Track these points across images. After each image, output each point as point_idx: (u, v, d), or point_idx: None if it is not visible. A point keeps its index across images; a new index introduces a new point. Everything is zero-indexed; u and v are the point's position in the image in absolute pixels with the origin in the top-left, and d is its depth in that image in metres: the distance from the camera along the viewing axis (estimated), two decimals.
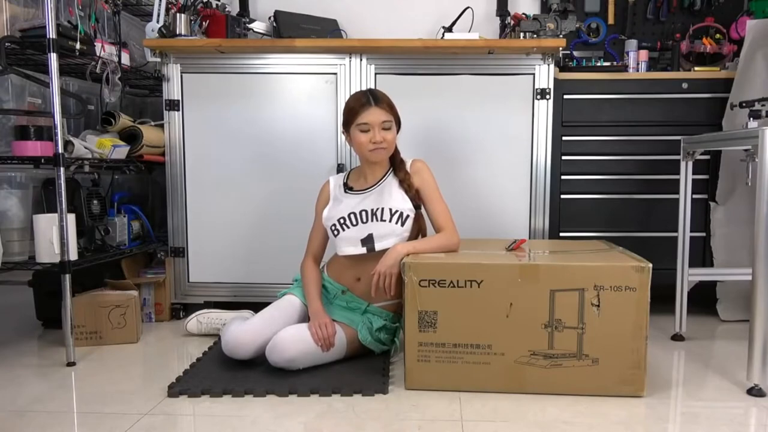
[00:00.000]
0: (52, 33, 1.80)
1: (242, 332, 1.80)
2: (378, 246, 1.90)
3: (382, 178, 1.97)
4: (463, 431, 1.42)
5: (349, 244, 1.93)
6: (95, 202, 2.25)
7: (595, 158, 2.46)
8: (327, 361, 1.82)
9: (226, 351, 1.81)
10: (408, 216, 1.91)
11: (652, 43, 2.82)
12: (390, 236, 1.90)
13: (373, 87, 2.27)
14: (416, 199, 1.94)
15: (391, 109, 1.91)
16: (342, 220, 1.94)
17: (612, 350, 1.60)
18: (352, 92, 2.00)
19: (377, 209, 1.92)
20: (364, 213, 1.93)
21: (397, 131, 1.94)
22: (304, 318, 1.92)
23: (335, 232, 1.95)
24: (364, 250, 1.91)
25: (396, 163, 1.98)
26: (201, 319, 2.20)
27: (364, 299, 1.93)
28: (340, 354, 1.84)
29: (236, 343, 1.79)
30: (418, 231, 1.98)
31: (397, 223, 1.90)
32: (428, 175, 1.98)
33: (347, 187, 2.00)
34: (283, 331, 1.77)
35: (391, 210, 1.91)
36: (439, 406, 1.56)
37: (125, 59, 2.36)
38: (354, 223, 1.93)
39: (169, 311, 2.45)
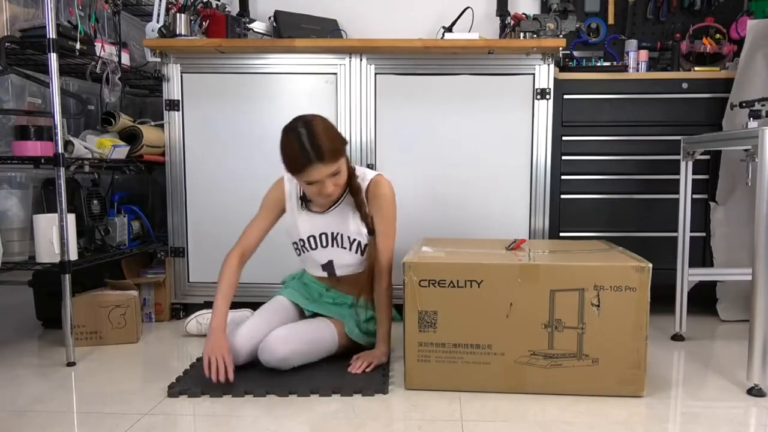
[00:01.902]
0: (52, 33, 1.80)
1: (234, 339, 1.77)
2: (338, 273, 1.91)
3: (339, 199, 1.85)
4: (463, 431, 1.42)
5: (311, 266, 1.95)
6: (95, 202, 2.25)
7: (595, 158, 2.46)
8: (320, 357, 1.82)
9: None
10: (366, 245, 1.87)
11: (652, 43, 2.82)
12: (351, 265, 1.90)
13: (312, 117, 1.71)
14: (372, 224, 1.84)
15: (336, 154, 1.68)
16: (302, 242, 1.90)
17: (612, 350, 1.60)
18: (287, 131, 1.70)
19: (337, 234, 1.87)
20: (324, 237, 1.88)
21: (345, 157, 1.76)
22: (296, 317, 1.92)
23: (297, 252, 1.95)
24: (325, 275, 1.93)
25: (353, 189, 1.82)
26: (200, 320, 2.21)
27: (349, 294, 1.94)
28: (331, 349, 1.84)
29: (235, 345, 1.76)
30: (372, 260, 1.87)
31: (356, 252, 1.88)
32: (388, 203, 1.82)
33: (304, 202, 1.89)
34: (274, 333, 1.76)
35: (350, 238, 1.87)
36: (439, 406, 1.56)
37: (125, 59, 2.36)
38: (314, 246, 1.89)
39: (169, 311, 2.45)
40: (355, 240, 1.87)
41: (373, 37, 2.89)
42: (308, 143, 1.64)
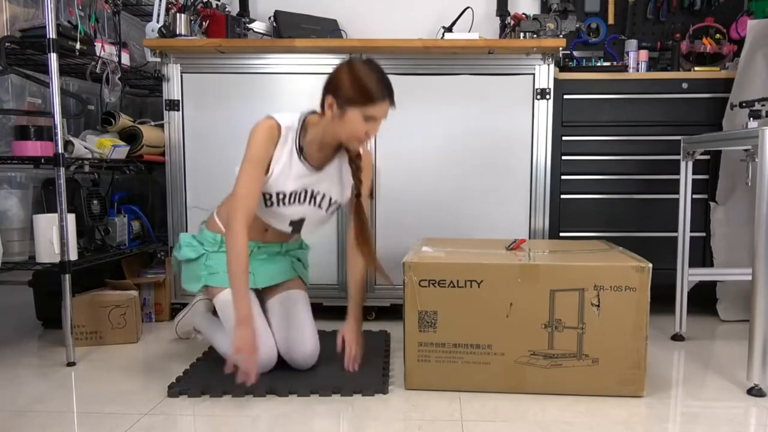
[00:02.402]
0: (52, 33, 1.80)
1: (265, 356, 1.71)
2: (303, 232, 1.84)
3: (334, 156, 1.78)
4: (463, 431, 1.42)
5: (277, 221, 1.79)
6: (95, 202, 2.25)
7: (595, 158, 2.46)
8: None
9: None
10: (338, 207, 1.84)
11: (652, 43, 2.82)
12: (315, 225, 1.82)
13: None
14: (359, 187, 1.77)
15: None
16: (282, 196, 1.73)
17: (612, 350, 1.60)
18: (360, 63, 1.64)
19: (318, 194, 1.77)
20: (304, 193, 1.76)
21: None
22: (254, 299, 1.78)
23: (268, 203, 1.74)
24: (288, 230, 1.82)
25: (354, 151, 1.77)
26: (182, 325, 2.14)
27: (274, 242, 1.86)
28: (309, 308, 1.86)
29: (262, 365, 1.70)
30: (360, 224, 1.78)
31: (331, 214, 1.84)
32: (371, 168, 1.84)
33: (301, 153, 1.73)
34: (294, 339, 1.76)
35: (331, 199, 1.79)
36: (439, 406, 1.56)
37: (125, 59, 2.36)
38: (292, 201, 1.75)
39: (169, 311, 2.45)
40: (335, 202, 1.81)
41: (373, 37, 2.89)
42: (386, 79, 1.63)
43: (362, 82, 1.60)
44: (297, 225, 1.82)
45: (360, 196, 1.77)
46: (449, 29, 2.67)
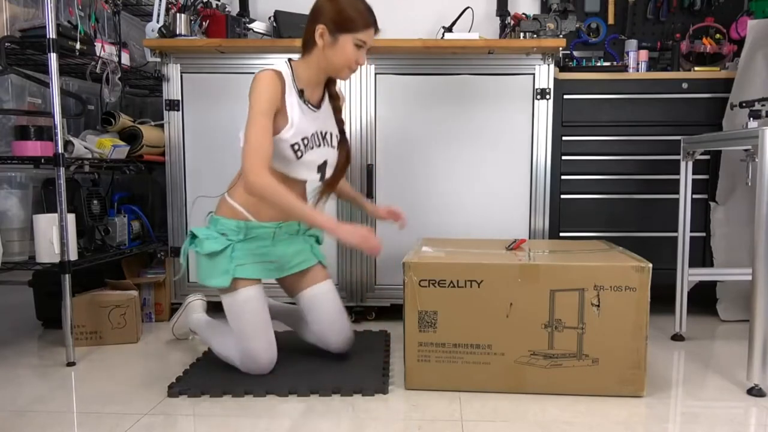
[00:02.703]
0: (52, 33, 1.80)
1: (259, 354, 1.72)
2: (327, 174, 1.82)
3: (323, 95, 1.82)
4: (463, 431, 1.42)
5: (308, 169, 1.77)
6: (95, 202, 2.25)
7: (595, 158, 2.46)
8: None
9: (249, 371, 1.74)
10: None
11: (652, 43, 2.82)
12: (332, 166, 1.83)
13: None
14: (340, 125, 1.85)
15: None
16: (306, 141, 1.73)
17: (612, 350, 1.60)
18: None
19: (326, 132, 1.79)
20: (318, 135, 1.76)
21: None
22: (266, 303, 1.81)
23: (298, 153, 1.72)
24: (317, 178, 1.80)
25: (333, 88, 1.83)
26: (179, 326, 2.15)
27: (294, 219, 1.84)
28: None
29: (264, 365, 1.73)
30: (345, 158, 1.85)
31: (336, 150, 1.84)
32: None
33: (302, 96, 1.75)
34: (329, 327, 1.83)
35: (333, 135, 1.82)
36: (439, 406, 1.56)
37: (125, 59, 2.36)
38: (316, 144, 1.76)
39: (169, 311, 2.45)
40: (336, 137, 1.83)
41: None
42: (369, 6, 1.71)
43: (352, 8, 1.67)
44: (322, 170, 1.81)
45: (343, 133, 1.86)
46: (449, 29, 2.67)
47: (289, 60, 1.77)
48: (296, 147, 1.72)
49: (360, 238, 1.62)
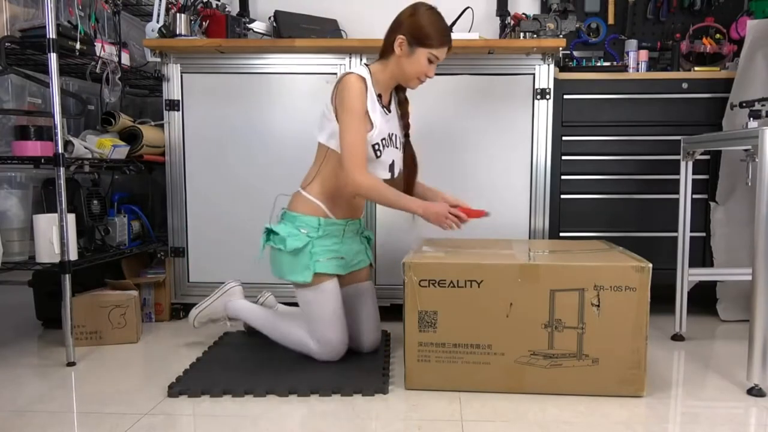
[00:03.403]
0: (52, 33, 1.80)
1: (335, 336, 1.84)
2: (395, 174, 1.93)
3: (391, 99, 1.95)
4: (463, 431, 1.42)
5: (383, 168, 1.89)
6: (95, 202, 2.25)
7: (595, 158, 2.46)
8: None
9: (325, 358, 1.86)
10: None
11: (652, 43, 2.82)
12: (399, 166, 1.95)
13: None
14: (407, 128, 1.98)
15: None
16: (384, 141, 1.86)
17: (612, 350, 1.60)
18: (428, 9, 1.82)
19: (393, 135, 1.92)
20: (390, 137, 1.90)
21: None
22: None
23: (377, 153, 1.85)
24: (389, 176, 1.91)
25: (403, 94, 1.97)
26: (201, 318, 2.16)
27: (358, 217, 1.97)
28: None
29: (340, 352, 1.86)
30: (411, 158, 1.99)
31: (401, 152, 1.96)
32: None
33: (380, 100, 1.89)
34: (366, 330, 1.93)
35: (400, 138, 1.95)
36: (439, 406, 1.56)
37: (125, 59, 2.36)
38: (386, 146, 1.88)
39: (169, 311, 2.45)
40: (401, 140, 1.96)
41: (373, 37, 2.88)
42: (448, 27, 1.84)
43: (435, 26, 1.80)
44: (392, 170, 1.92)
45: (408, 136, 1.98)
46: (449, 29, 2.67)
47: (367, 64, 1.91)
48: (377, 147, 1.85)
49: (444, 218, 1.77)
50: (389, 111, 1.92)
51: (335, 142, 1.81)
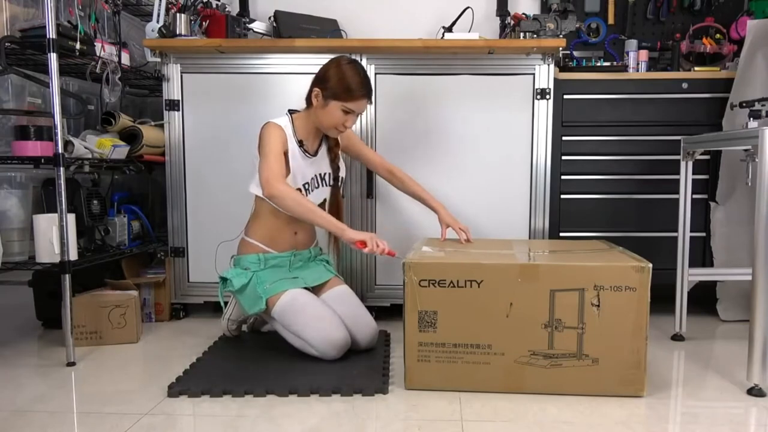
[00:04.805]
0: (52, 33, 1.80)
1: (333, 334, 1.85)
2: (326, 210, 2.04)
3: (321, 141, 2.06)
4: (463, 431, 1.42)
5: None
6: (95, 202, 2.25)
7: (595, 158, 2.46)
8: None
9: (330, 356, 1.86)
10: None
11: (652, 43, 2.82)
12: (329, 203, 2.08)
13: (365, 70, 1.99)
14: (335, 171, 2.08)
15: None
16: (307, 185, 1.99)
17: (612, 350, 1.60)
18: (346, 63, 1.93)
19: (324, 174, 2.05)
20: (319, 177, 2.03)
21: None
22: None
23: (306, 194, 1.98)
24: None
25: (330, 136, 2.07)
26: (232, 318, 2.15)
27: (306, 248, 2.06)
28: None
29: (341, 343, 1.86)
30: (337, 202, 2.10)
31: (329, 188, 2.08)
32: (351, 132, 2.11)
33: (301, 146, 1.99)
34: (360, 322, 1.95)
35: (330, 175, 2.06)
36: (439, 406, 1.56)
37: (125, 59, 2.36)
38: (314, 188, 2.02)
39: (169, 311, 2.45)
40: (332, 177, 2.07)
41: (373, 37, 2.89)
42: (367, 79, 1.93)
43: (345, 80, 1.88)
44: (323, 207, 2.04)
45: (337, 179, 2.08)
46: (449, 29, 2.67)
47: (290, 112, 2.02)
48: (306, 187, 1.98)
49: (368, 239, 1.82)
50: (314, 155, 2.02)
51: (260, 191, 1.90)
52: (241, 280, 1.93)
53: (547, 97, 2.33)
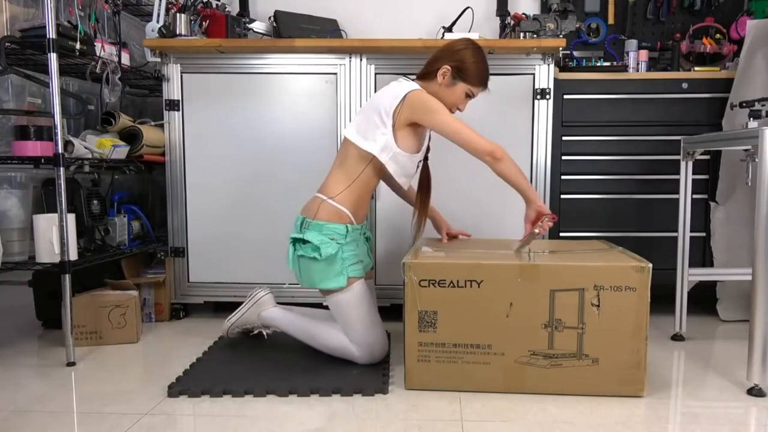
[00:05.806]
0: (52, 33, 1.80)
1: (377, 341, 1.85)
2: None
3: None
4: (463, 431, 1.42)
5: (407, 179, 1.96)
6: (95, 202, 2.25)
7: (595, 158, 2.46)
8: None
9: (366, 361, 1.85)
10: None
11: (652, 43, 2.82)
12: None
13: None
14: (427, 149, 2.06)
15: None
16: (426, 149, 2.00)
17: (612, 350, 1.60)
18: (478, 49, 1.89)
19: (427, 146, 2.04)
20: (425, 149, 2.03)
21: None
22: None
23: (418, 168, 1.97)
24: (405, 188, 2.02)
25: None
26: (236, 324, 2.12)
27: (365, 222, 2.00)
28: None
29: (382, 353, 1.87)
30: (427, 177, 2.05)
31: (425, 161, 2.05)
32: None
33: None
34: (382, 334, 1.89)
35: (427, 147, 2.03)
36: (439, 406, 1.56)
37: (125, 59, 2.36)
38: (423, 158, 2.02)
39: (169, 311, 2.45)
40: (427, 149, 2.03)
41: (373, 37, 2.89)
42: (488, 69, 1.92)
43: (480, 66, 1.87)
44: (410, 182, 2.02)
45: (427, 159, 2.03)
46: (449, 29, 2.67)
47: (413, 80, 1.93)
48: (420, 164, 1.97)
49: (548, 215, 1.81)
50: None
51: (387, 156, 1.82)
52: (329, 250, 1.79)
53: (547, 97, 2.33)
